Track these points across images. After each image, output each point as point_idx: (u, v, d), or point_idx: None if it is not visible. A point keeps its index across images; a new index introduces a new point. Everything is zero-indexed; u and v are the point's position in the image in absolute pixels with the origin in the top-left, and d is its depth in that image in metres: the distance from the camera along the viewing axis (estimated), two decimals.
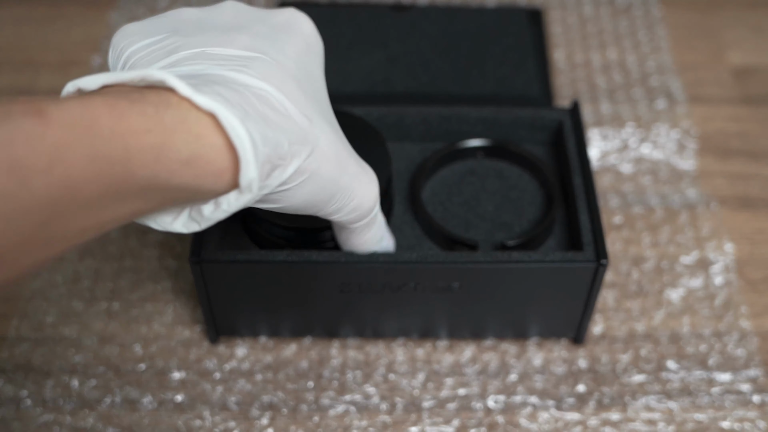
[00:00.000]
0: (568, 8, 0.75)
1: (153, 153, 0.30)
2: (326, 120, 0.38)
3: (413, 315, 0.51)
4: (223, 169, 0.32)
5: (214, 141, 0.31)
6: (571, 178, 0.51)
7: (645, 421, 0.50)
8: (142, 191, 0.30)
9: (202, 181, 0.32)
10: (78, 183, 0.28)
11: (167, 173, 0.30)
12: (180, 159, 0.30)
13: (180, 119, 0.31)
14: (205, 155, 0.31)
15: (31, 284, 0.56)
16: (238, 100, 0.32)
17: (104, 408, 0.50)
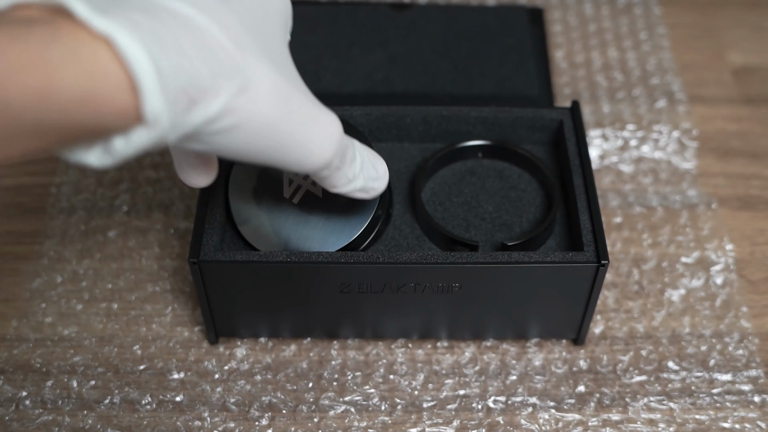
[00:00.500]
0: (569, 8, 0.75)
1: (37, 92, 0.27)
2: (271, 59, 0.34)
3: (413, 315, 0.51)
4: (127, 106, 0.29)
5: (113, 75, 0.28)
6: (571, 178, 0.51)
7: (645, 421, 0.50)
8: (30, 132, 0.28)
9: (103, 119, 0.29)
10: None
11: (57, 113, 0.28)
12: (71, 97, 0.28)
13: (70, 53, 0.28)
14: (102, 91, 0.28)
15: (31, 285, 0.56)
16: (150, 24, 0.29)
17: (103, 408, 0.50)
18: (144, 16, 0.30)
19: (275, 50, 0.36)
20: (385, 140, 0.55)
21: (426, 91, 0.63)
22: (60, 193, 0.61)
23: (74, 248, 0.58)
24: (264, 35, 0.35)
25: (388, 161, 0.53)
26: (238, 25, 0.33)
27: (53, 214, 0.60)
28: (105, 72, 0.28)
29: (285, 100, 0.34)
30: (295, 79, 0.37)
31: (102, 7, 0.29)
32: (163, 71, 0.29)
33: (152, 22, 0.30)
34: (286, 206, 0.50)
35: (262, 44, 0.35)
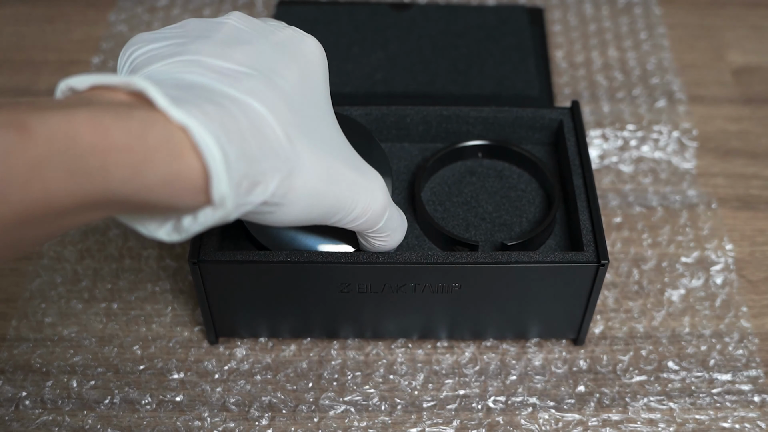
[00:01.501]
0: (569, 8, 0.75)
1: (132, 171, 0.30)
2: (315, 139, 0.38)
3: (413, 315, 0.51)
4: (199, 188, 0.32)
5: (192, 160, 0.31)
6: (571, 178, 0.51)
7: (645, 421, 0.50)
8: (118, 204, 0.31)
9: (179, 199, 0.32)
10: (54, 196, 0.28)
11: (145, 190, 0.31)
12: (159, 178, 0.31)
13: (164, 139, 0.31)
14: (183, 174, 0.31)
15: (31, 285, 0.56)
16: (218, 114, 0.32)
17: (103, 408, 0.50)
18: (212, 106, 0.33)
19: (317, 120, 0.39)
20: (385, 140, 0.55)
21: (426, 91, 0.63)
22: None
23: (74, 248, 0.58)
24: (306, 108, 0.38)
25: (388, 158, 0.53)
26: (284, 107, 0.36)
27: None
28: (186, 156, 0.31)
29: (330, 175, 0.38)
30: (340, 149, 0.40)
31: (176, 96, 0.32)
32: (230, 159, 0.32)
33: (219, 112, 0.33)
34: None
35: (306, 122, 0.38)
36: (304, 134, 0.37)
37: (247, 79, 0.36)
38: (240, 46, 0.37)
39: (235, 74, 0.36)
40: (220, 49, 0.37)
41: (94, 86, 0.33)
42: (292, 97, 0.37)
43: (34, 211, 0.28)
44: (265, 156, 0.34)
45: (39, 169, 0.28)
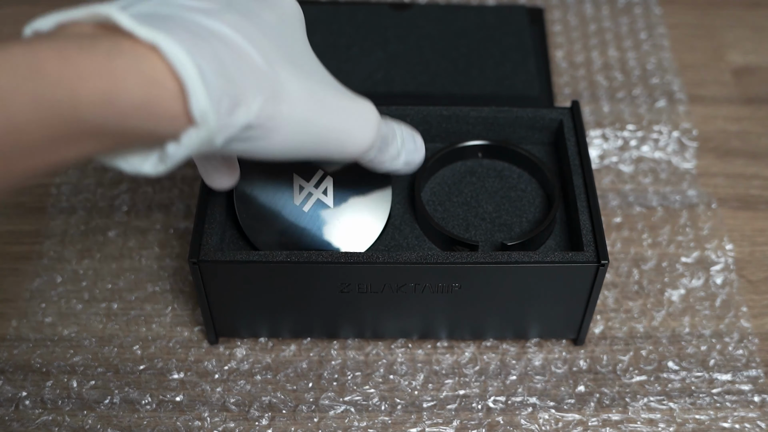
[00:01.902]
0: (569, 8, 0.75)
1: (102, 98, 0.29)
2: (296, 65, 0.37)
3: (413, 315, 0.51)
4: (178, 112, 0.31)
5: (167, 84, 0.31)
6: (571, 178, 0.51)
7: (645, 421, 0.50)
8: (92, 134, 0.30)
9: (157, 124, 0.31)
10: (21, 127, 0.28)
11: (118, 117, 0.30)
12: (132, 104, 0.30)
13: (132, 63, 0.30)
14: (158, 98, 0.31)
15: (31, 285, 0.56)
16: (190, 38, 0.32)
17: (103, 408, 0.50)
18: (184, 31, 0.32)
19: (298, 55, 0.38)
20: None
21: (426, 91, 0.63)
22: (60, 193, 0.61)
23: (74, 248, 0.58)
24: (286, 44, 0.37)
25: None
26: (263, 38, 0.35)
27: (53, 214, 0.60)
28: (160, 80, 0.31)
29: (317, 99, 0.37)
30: (323, 77, 0.39)
31: (144, 19, 0.31)
32: (206, 74, 0.31)
33: (191, 36, 0.32)
34: (296, 214, 0.50)
35: (287, 53, 0.37)
36: (288, 62, 0.36)
37: (223, 13, 0.35)
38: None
39: (210, 9, 0.34)
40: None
41: (60, 24, 0.32)
42: (270, 32, 0.36)
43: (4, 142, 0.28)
44: (244, 76, 0.33)
45: (2, 98, 0.27)
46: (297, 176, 0.50)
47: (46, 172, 0.31)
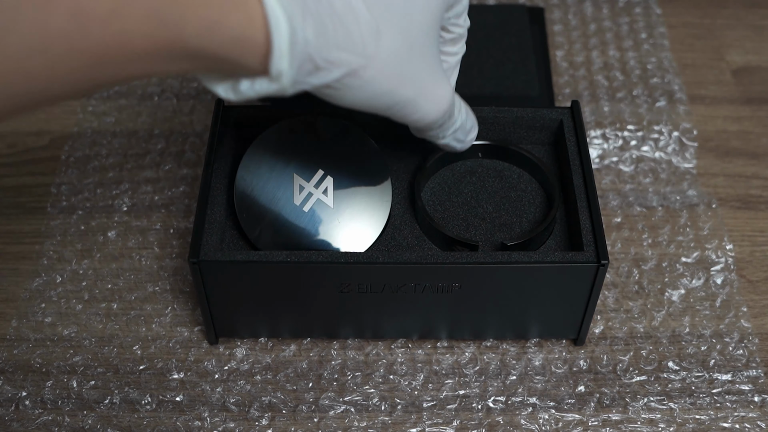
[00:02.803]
0: (569, 7, 0.75)
1: (206, 25, 0.31)
2: (406, 38, 0.38)
3: (413, 315, 0.51)
4: (261, 58, 0.33)
5: (262, 26, 0.33)
6: (571, 178, 0.51)
7: (645, 421, 0.50)
8: (189, 56, 0.32)
9: (246, 60, 0.33)
10: (131, 37, 0.30)
11: (216, 46, 0.32)
12: (231, 36, 0.32)
13: (240, 1, 0.32)
14: (253, 38, 0.33)
15: (31, 285, 0.56)
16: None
17: (103, 409, 0.50)
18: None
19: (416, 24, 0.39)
20: (385, 140, 0.55)
21: None
22: (60, 193, 0.61)
23: (74, 248, 0.58)
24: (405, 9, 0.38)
25: (388, 161, 0.53)
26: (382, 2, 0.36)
27: (53, 214, 0.60)
28: (257, 24, 0.32)
29: (403, 73, 0.38)
30: (424, 51, 0.40)
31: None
32: (297, 40, 0.33)
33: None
34: (296, 214, 0.50)
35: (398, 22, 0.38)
36: (393, 33, 0.37)
37: None
38: None
39: None
40: None
41: None
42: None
43: (112, 50, 0.30)
44: (338, 47, 0.35)
45: (120, 9, 0.29)
46: (297, 176, 0.50)
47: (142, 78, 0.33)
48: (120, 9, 0.29)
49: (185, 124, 0.65)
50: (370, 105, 0.39)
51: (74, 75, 0.30)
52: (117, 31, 0.30)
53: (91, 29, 0.29)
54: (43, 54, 0.29)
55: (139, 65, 0.32)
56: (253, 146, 0.51)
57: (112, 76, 0.32)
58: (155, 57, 0.31)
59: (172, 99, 0.67)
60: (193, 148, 0.64)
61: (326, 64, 0.35)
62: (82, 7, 0.28)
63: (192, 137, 0.64)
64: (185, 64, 0.33)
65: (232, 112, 0.53)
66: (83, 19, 0.29)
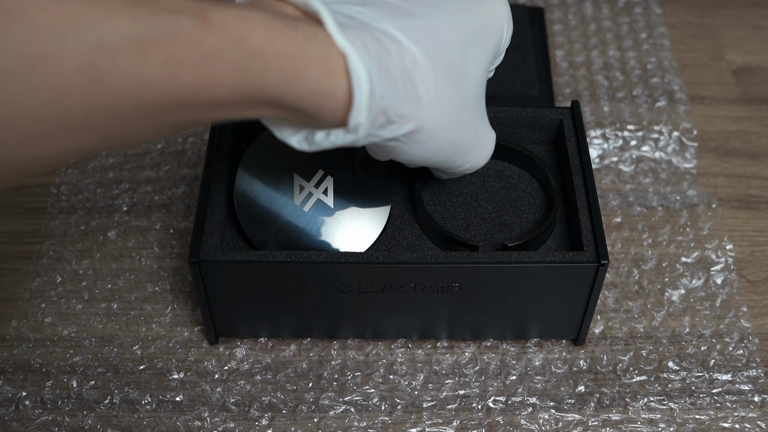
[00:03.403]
0: (569, 7, 0.75)
1: (288, 76, 0.33)
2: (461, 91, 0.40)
3: (413, 315, 0.51)
4: (341, 107, 0.35)
5: (342, 81, 0.35)
6: (571, 178, 0.51)
7: (645, 421, 0.50)
8: (268, 103, 0.34)
9: (322, 112, 0.35)
10: (217, 86, 0.32)
11: (294, 97, 0.34)
12: (310, 88, 0.34)
13: (321, 54, 0.34)
14: (331, 91, 0.34)
15: (31, 285, 0.56)
16: (376, 51, 0.35)
17: (103, 409, 0.50)
18: (373, 42, 0.36)
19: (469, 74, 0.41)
20: None
21: None
22: (60, 193, 0.61)
23: (74, 248, 0.58)
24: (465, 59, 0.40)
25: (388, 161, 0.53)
26: (443, 58, 0.39)
27: (53, 214, 0.60)
28: (338, 79, 0.35)
29: (460, 128, 0.41)
30: (475, 100, 0.42)
31: (343, 23, 0.36)
32: (375, 94, 0.35)
33: (378, 50, 0.36)
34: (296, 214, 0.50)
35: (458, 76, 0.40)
36: (453, 86, 0.40)
37: (414, 21, 0.38)
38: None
39: (405, 13, 0.38)
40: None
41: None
42: (454, 46, 0.39)
43: (199, 96, 0.31)
44: (408, 101, 0.37)
45: (210, 59, 0.31)
46: (297, 176, 0.50)
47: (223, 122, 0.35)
48: (209, 59, 0.31)
49: None
50: (431, 157, 0.42)
51: (162, 117, 0.32)
52: (205, 79, 0.31)
53: (182, 77, 0.30)
54: (137, 97, 0.30)
55: (222, 111, 0.33)
56: (253, 146, 0.51)
57: (195, 120, 0.33)
58: (238, 104, 0.33)
59: None
60: (193, 148, 0.64)
61: (397, 118, 0.37)
62: (176, 57, 0.30)
63: (192, 137, 0.64)
64: (264, 111, 0.35)
65: None
66: (176, 68, 0.30)
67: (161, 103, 0.31)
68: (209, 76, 0.31)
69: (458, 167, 0.45)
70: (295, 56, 0.33)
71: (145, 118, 0.31)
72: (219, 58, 0.31)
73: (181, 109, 0.32)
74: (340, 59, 0.34)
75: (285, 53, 0.33)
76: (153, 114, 0.31)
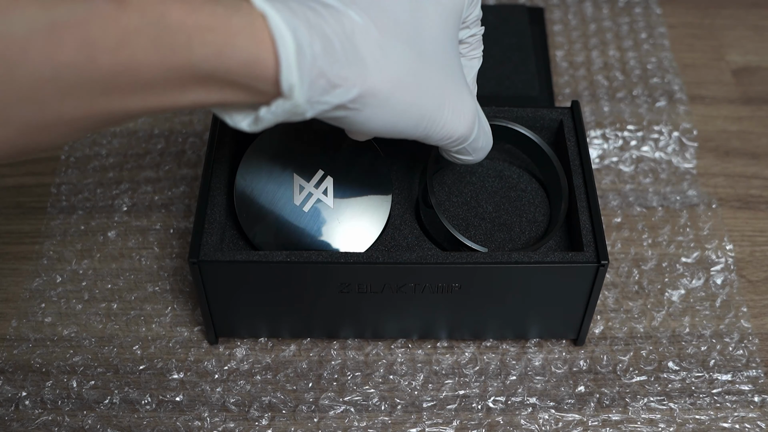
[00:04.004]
0: (569, 7, 0.75)
1: (215, 50, 0.32)
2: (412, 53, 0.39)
3: (413, 316, 0.51)
4: (275, 74, 0.34)
5: (269, 45, 0.33)
6: (571, 178, 0.51)
7: (645, 421, 0.50)
8: (201, 83, 0.33)
9: (258, 84, 0.34)
10: (140, 66, 0.31)
11: (225, 71, 0.33)
12: (239, 60, 0.33)
13: (245, 24, 0.33)
14: (261, 60, 0.33)
15: (31, 285, 0.56)
16: (304, 13, 0.34)
17: (103, 409, 0.50)
18: (301, 7, 0.35)
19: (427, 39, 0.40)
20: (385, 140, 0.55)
21: None
22: (60, 193, 0.61)
23: (74, 248, 0.58)
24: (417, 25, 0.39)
25: (388, 161, 0.53)
26: (389, 19, 0.37)
27: (53, 214, 0.60)
28: (265, 46, 0.33)
29: (421, 85, 0.39)
30: (440, 67, 0.40)
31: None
32: (304, 53, 0.34)
33: (307, 13, 0.34)
34: (296, 214, 0.50)
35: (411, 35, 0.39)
36: (405, 45, 0.38)
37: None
38: None
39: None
40: None
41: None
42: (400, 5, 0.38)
43: (121, 77, 0.31)
44: (350, 63, 0.35)
45: (129, 38, 0.30)
46: (297, 176, 0.50)
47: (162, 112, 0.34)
48: (128, 39, 0.30)
49: (185, 124, 0.65)
50: (398, 124, 0.39)
51: (86, 105, 0.31)
52: (126, 60, 0.31)
53: (100, 59, 0.30)
54: (54, 83, 0.30)
55: (155, 95, 0.33)
56: (253, 146, 0.51)
57: (124, 108, 0.32)
58: (166, 85, 0.32)
59: None
60: (193, 148, 0.64)
61: (341, 80, 0.35)
62: (90, 39, 0.30)
63: (192, 137, 0.64)
64: (199, 92, 0.34)
65: None
66: (91, 51, 0.30)
67: (82, 89, 0.30)
68: (130, 56, 0.31)
69: (439, 137, 0.42)
70: (219, 29, 0.32)
71: (69, 108, 0.31)
72: (138, 38, 0.31)
73: (107, 94, 0.31)
74: (265, 26, 0.33)
75: (207, 26, 0.32)
76: (77, 103, 0.31)
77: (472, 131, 0.43)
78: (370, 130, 0.39)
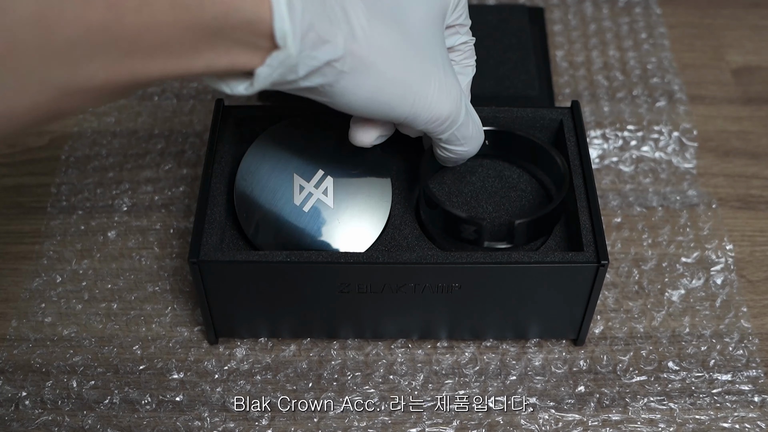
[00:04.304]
0: (569, 7, 0.75)
1: (222, 9, 0.34)
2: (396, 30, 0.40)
3: (413, 316, 0.51)
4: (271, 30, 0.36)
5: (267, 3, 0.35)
6: (571, 178, 0.51)
7: (645, 421, 0.50)
8: (210, 44, 0.35)
9: (258, 40, 0.36)
10: (160, 25, 0.33)
11: (231, 28, 0.35)
12: (243, 18, 0.35)
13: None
14: (262, 18, 0.35)
15: (31, 285, 0.56)
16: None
17: (103, 409, 0.50)
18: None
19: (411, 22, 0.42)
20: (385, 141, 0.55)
21: None
22: (60, 193, 0.61)
23: (74, 248, 0.58)
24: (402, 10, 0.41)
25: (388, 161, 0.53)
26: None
27: (53, 214, 0.60)
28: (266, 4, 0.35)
29: (405, 64, 0.41)
30: (425, 47, 0.42)
31: None
32: (295, 5, 0.35)
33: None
34: (296, 214, 0.50)
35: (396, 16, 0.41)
36: (390, 21, 0.40)
37: None
38: None
39: None
40: None
41: None
42: None
43: (144, 38, 0.33)
44: (339, 23, 0.38)
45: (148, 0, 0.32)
46: (297, 176, 0.50)
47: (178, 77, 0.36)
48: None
49: (185, 124, 0.65)
50: (382, 97, 0.41)
51: (112, 67, 0.33)
52: (147, 20, 0.32)
53: (125, 18, 0.32)
54: (85, 44, 0.31)
55: (170, 58, 0.34)
56: (253, 146, 0.51)
57: (146, 72, 0.34)
58: (182, 46, 0.34)
59: (172, 99, 0.67)
60: (193, 148, 0.64)
61: (330, 36, 0.37)
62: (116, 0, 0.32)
63: (192, 137, 0.64)
64: (209, 55, 0.35)
65: (232, 112, 0.53)
66: (118, 9, 0.31)
67: (109, 49, 0.32)
68: (151, 15, 0.32)
69: (426, 118, 0.43)
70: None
71: (97, 70, 0.32)
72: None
73: (131, 56, 0.33)
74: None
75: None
76: (104, 64, 0.32)
77: (460, 111, 0.44)
78: (356, 102, 0.41)
